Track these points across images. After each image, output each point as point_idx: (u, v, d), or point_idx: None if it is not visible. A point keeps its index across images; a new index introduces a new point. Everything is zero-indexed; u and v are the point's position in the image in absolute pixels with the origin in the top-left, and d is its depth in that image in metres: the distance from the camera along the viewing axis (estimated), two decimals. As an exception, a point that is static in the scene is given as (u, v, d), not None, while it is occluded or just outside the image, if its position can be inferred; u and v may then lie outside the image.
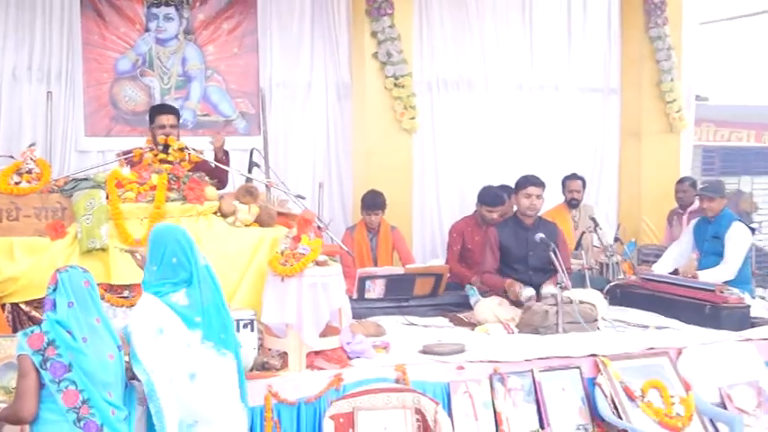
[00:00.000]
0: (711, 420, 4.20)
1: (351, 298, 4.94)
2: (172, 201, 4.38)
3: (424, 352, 4.29)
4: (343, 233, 6.44)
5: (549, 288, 5.03)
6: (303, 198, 5.11)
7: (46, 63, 6.66)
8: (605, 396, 4.13)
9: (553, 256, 4.97)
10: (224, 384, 3.23)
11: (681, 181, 7.39)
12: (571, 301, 4.77)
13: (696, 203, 6.72)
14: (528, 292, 5.07)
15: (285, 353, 4.00)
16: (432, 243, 7.55)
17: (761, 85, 11.18)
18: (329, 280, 4.02)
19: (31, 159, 4.42)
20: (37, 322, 3.80)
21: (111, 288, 4.13)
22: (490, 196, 6.12)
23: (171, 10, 6.95)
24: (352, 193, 7.25)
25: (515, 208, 5.65)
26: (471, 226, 6.39)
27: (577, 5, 8.11)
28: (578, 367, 4.25)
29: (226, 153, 5.25)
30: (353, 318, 4.45)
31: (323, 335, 4.05)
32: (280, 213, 4.60)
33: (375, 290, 5.54)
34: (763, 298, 5.88)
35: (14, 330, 3.95)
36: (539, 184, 5.34)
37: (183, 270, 3.26)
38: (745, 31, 10.89)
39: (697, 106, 8.78)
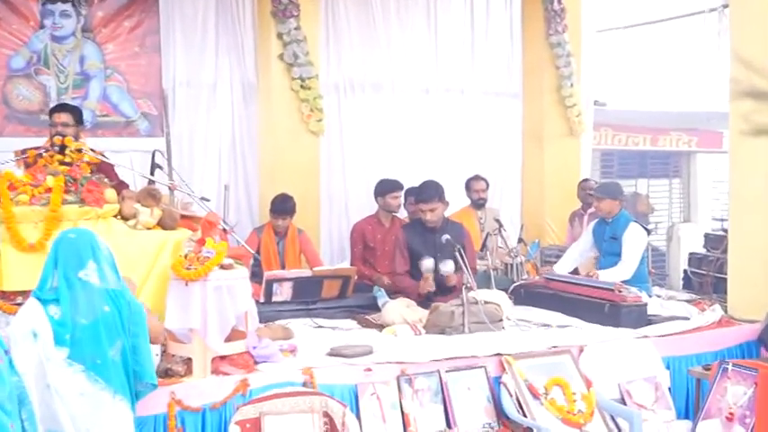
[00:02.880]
0: (612, 416, 4.31)
1: (257, 301, 4.89)
2: (69, 203, 4.22)
3: (332, 354, 4.27)
4: (249, 234, 6.39)
5: (447, 266, 5.15)
6: (208, 200, 5.02)
7: (-69, 59, 6.36)
8: (510, 394, 4.20)
9: (459, 257, 5.02)
10: (95, 414, 3.09)
11: (584, 181, 7.60)
12: (477, 302, 4.82)
13: (597, 204, 6.92)
14: (428, 263, 5.16)
15: (189, 358, 3.92)
16: (339, 245, 7.54)
17: (656, 91, 11.53)
18: (235, 283, 3.97)
19: None
20: None
21: (3, 295, 3.94)
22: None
23: (67, 6, 6.71)
24: (259, 195, 7.19)
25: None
26: (372, 225, 6.50)
27: (480, 11, 8.25)
28: (484, 367, 4.30)
29: None
30: (260, 321, 4.41)
31: (228, 339, 3.99)
32: (183, 216, 4.50)
33: (282, 293, 5.49)
34: (659, 296, 6.07)
35: None
36: (427, 200, 5.40)
37: (54, 281, 3.17)
38: (640, 38, 11.25)
39: (595, 111, 9.03)
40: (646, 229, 5.93)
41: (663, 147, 12.36)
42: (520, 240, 6.62)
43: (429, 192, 5.45)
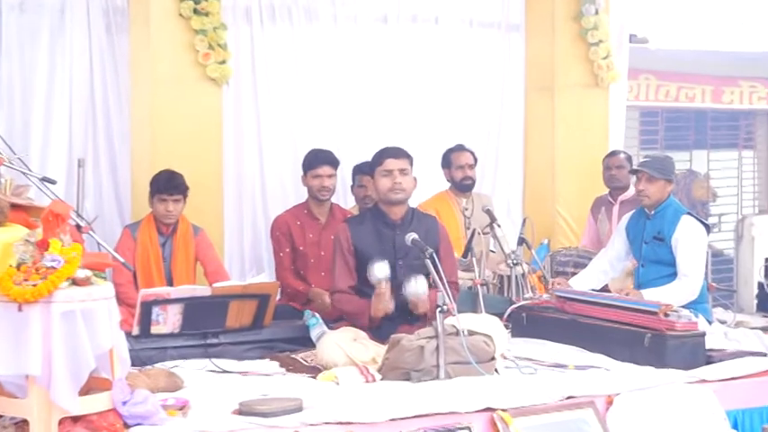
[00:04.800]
0: (654, 497, 4.38)
1: (129, 334, 4.87)
2: None
3: (243, 412, 4.26)
4: (120, 235, 6.38)
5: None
6: (53, 182, 4.97)
7: None
8: (507, 468, 4.23)
9: (431, 265, 5.04)
10: None
11: (611, 155, 7.65)
12: (458, 332, 4.83)
13: (632, 190, 6.98)
14: (380, 268, 5.13)
15: (25, 421, 3.88)
16: (254, 249, 7.57)
17: (720, 24, 11.61)
18: (94, 307, 3.94)
19: None
20: None
21: None
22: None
23: None
24: (131, 174, 7.15)
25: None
26: (301, 219, 6.54)
27: None
28: (468, 427, 4.32)
29: None
30: (133, 364, 4.41)
31: (85, 391, 3.96)
32: (15, 206, 4.47)
33: (167, 321, 5.46)
34: (723, 322, 6.13)
35: None
36: (400, 155, 5.42)
37: None
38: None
39: (632, 51, 9.11)
40: (705, 224, 6.00)
41: (730, 104, 12.44)
42: (521, 241, 6.66)
43: (398, 148, 5.49)
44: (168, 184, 6.21)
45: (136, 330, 5.35)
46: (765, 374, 5.08)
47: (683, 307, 5.35)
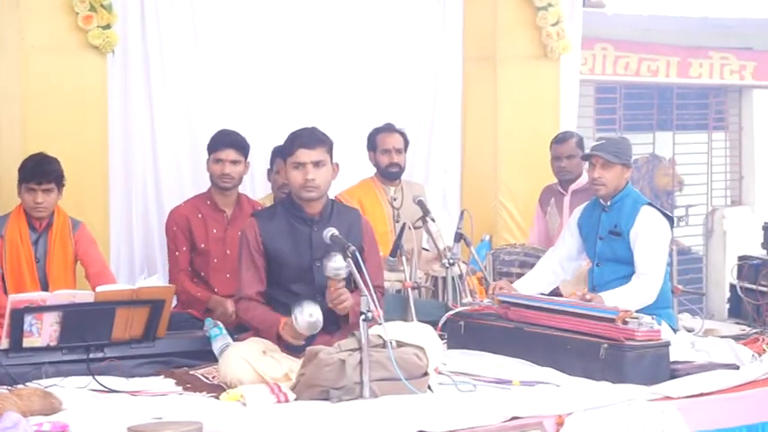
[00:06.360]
0: None
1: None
2: None
3: (132, 439, 4.25)
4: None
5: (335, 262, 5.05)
6: None
7: None
8: (441, 499, 4.27)
9: (353, 265, 5.06)
10: None
11: (559, 141, 7.70)
12: (385, 344, 4.85)
13: (585, 177, 7.04)
14: (307, 313, 5.05)
15: None
16: (145, 247, 7.54)
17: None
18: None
19: None
20: None
21: None
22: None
23: None
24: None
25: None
26: (203, 212, 6.55)
27: None
28: (396, 454, 4.36)
29: None
30: (2, 383, 4.47)
31: (-57, 416, 3.94)
32: None
33: (43, 332, 5.41)
34: (690, 330, 6.20)
35: None
36: (314, 143, 5.38)
37: None
38: None
39: (587, 16, 9.19)
40: (668, 216, 6.08)
41: (698, 78, 12.57)
42: (459, 237, 6.68)
43: (312, 134, 5.45)
44: (37, 171, 6.14)
45: (5, 343, 5.31)
46: (737, 390, 5.13)
47: (644, 312, 5.38)
